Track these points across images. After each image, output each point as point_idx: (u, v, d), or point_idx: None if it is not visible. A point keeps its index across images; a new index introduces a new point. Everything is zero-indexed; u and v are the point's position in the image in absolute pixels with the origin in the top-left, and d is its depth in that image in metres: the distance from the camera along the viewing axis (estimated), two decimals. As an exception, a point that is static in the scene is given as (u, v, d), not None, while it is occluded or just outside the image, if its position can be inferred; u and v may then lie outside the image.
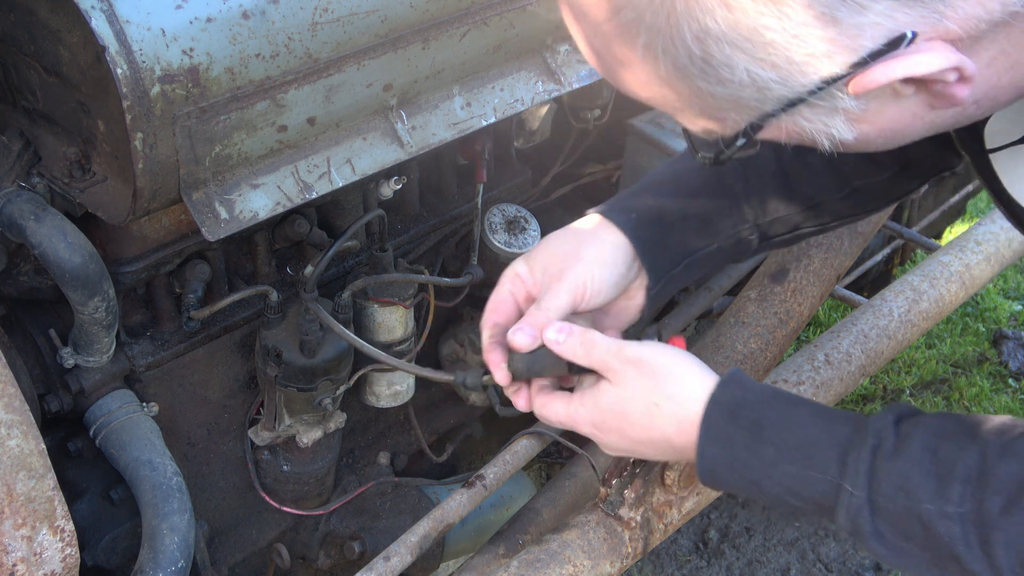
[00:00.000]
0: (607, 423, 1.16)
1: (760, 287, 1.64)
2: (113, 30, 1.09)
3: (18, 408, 1.13)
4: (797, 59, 0.80)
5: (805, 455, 1.05)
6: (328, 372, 1.60)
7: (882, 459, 1.01)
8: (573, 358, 1.16)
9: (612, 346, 1.15)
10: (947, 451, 0.99)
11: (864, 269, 2.82)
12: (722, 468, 1.10)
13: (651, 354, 1.14)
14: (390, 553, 1.47)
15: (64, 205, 1.33)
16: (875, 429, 1.03)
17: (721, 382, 1.12)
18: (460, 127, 1.46)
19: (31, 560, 1.16)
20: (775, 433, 1.06)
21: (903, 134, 0.91)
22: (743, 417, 1.09)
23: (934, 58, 0.79)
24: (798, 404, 1.10)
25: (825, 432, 1.05)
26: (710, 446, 1.09)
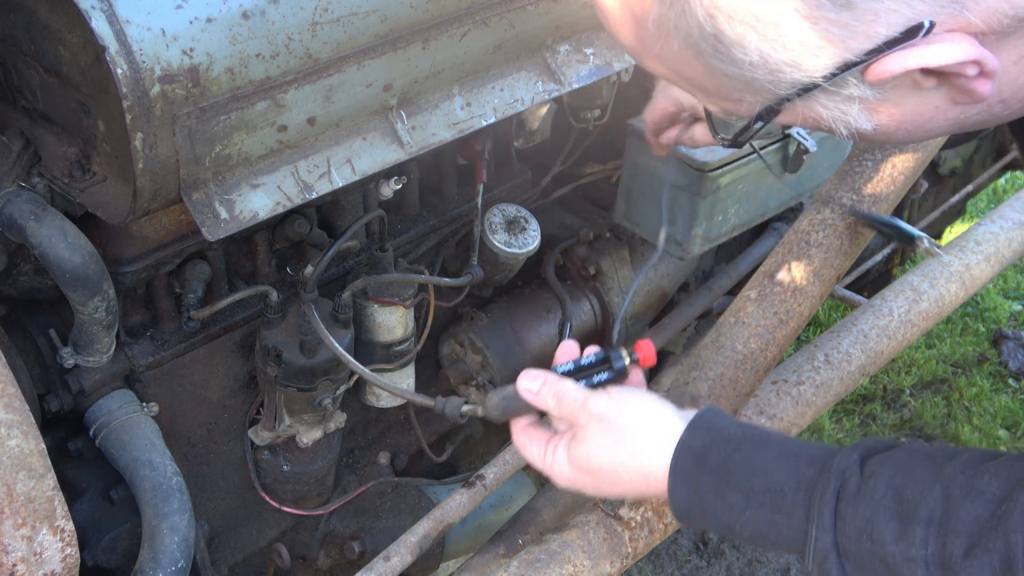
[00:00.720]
0: (580, 479, 1.17)
1: (760, 287, 1.63)
2: (113, 30, 1.09)
3: (18, 408, 1.13)
4: (810, 42, 0.79)
5: (772, 500, 1.05)
6: (328, 372, 1.60)
7: (846, 501, 1.00)
8: (544, 408, 1.18)
9: (579, 398, 1.15)
10: (911, 491, 0.97)
11: (864, 269, 2.82)
12: (694, 513, 1.10)
13: (612, 408, 1.14)
14: (390, 553, 1.47)
15: (64, 205, 1.33)
16: (839, 470, 1.02)
17: (690, 425, 1.12)
18: (460, 127, 1.46)
19: (31, 560, 1.16)
20: (742, 478, 1.06)
21: (925, 128, 0.88)
22: (710, 462, 1.09)
23: (952, 50, 0.78)
24: (766, 445, 1.09)
25: (791, 476, 1.05)
26: (681, 492, 1.10)
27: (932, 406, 3.34)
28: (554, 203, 2.08)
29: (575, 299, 2.01)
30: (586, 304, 2.03)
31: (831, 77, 0.81)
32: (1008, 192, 4.20)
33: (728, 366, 1.55)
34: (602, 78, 1.60)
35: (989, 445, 3.20)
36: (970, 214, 4.06)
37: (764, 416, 1.76)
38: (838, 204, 1.71)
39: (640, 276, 2.03)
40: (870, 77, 0.81)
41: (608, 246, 2.04)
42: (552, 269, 2.01)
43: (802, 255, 1.65)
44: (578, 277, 2.03)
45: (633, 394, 1.17)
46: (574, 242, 2.01)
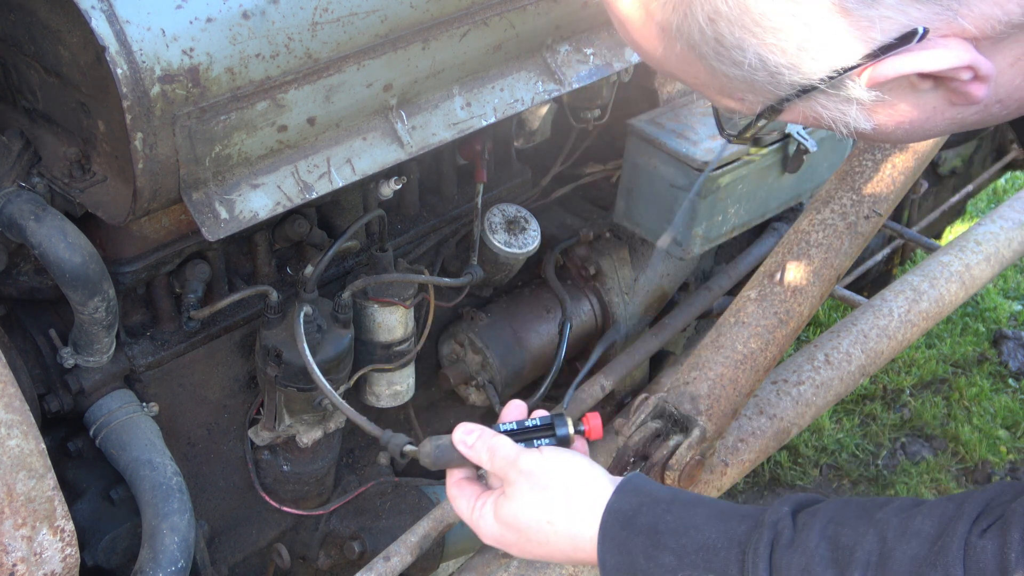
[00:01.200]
0: (506, 537, 1.15)
1: (760, 287, 1.64)
2: (113, 30, 1.09)
3: (18, 408, 1.13)
4: (807, 47, 0.80)
5: (704, 558, 1.02)
6: (328, 372, 1.60)
7: (780, 552, 0.98)
8: (478, 462, 1.16)
9: (510, 454, 1.14)
10: (845, 538, 0.96)
11: (864, 269, 2.82)
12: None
13: (543, 466, 1.12)
14: (390, 553, 1.47)
15: (64, 205, 1.33)
16: (771, 522, 1.01)
17: (616, 489, 1.10)
18: (460, 127, 1.46)
19: (31, 560, 1.16)
20: (672, 538, 1.04)
21: (923, 128, 0.90)
22: (639, 524, 1.06)
23: (946, 55, 0.79)
24: (696, 505, 1.07)
25: (723, 532, 1.03)
26: (610, 556, 1.07)
27: (932, 406, 3.34)
28: (554, 203, 2.08)
29: (575, 299, 2.01)
30: (586, 304, 2.03)
31: (829, 80, 0.83)
32: (1008, 192, 4.20)
33: (728, 366, 1.55)
34: (602, 78, 1.60)
35: (989, 445, 3.20)
36: (970, 214, 4.06)
37: (764, 416, 1.76)
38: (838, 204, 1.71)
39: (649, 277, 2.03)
40: (866, 80, 0.83)
41: (608, 246, 2.04)
42: (552, 269, 2.01)
43: (802, 255, 1.65)
44: (578, 277, 2.03)
45: (565, 455, 1.14)
46: (574, 242, 2.01)
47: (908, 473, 3.12)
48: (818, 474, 3.13)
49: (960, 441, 3.22)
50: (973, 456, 3.18)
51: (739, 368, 1.55)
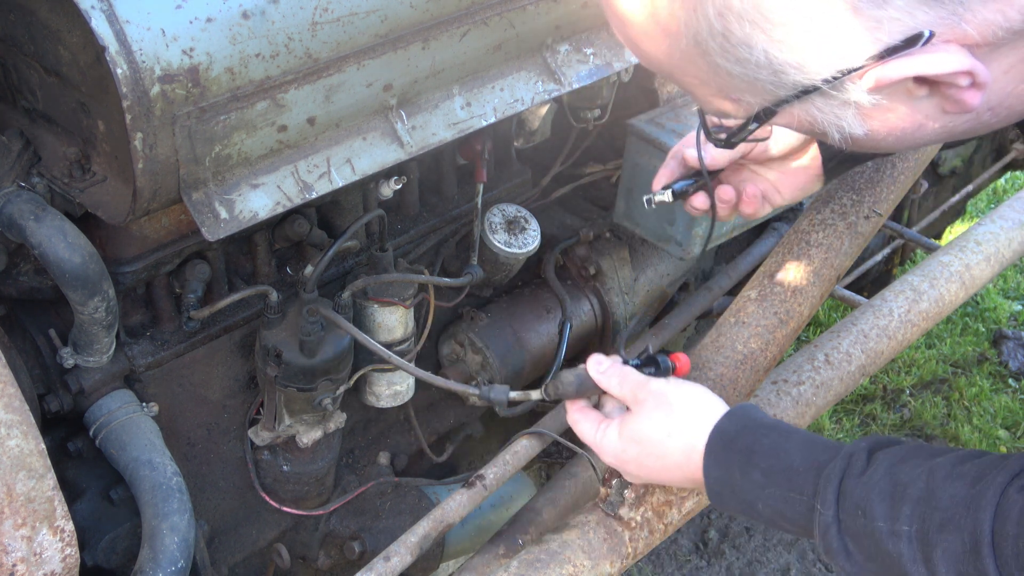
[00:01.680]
0: (627, 451, 1.28)
1: (760, 287, 1.63)
2: (113, 30, 1.09)
3: (18, 408, 1.13)
4: (815, 45, 0.81)
5: (787, 478, 1.14)
6: (328, 372, 1.60)
7: (849, 481, 1.09)
8: (607, 387, 1.31)
9: (641, 379, 1.29)
10: (904, 475, 1.05)
11: (864, 269, 2.82)
12: (724, 490, 1.20)
13: (670, 389, 1.27)
14: (390, 553, 1.47)
15: (64, 205, 1.33)
16: (847, 454, 1.11)
17: (727, 413, 1.24)
18: (460, 127, 1.46)
19: (31, 560, 1.16)
20: (763, 459, 1.17)
21: (914, 136, 0.91)
22: (739, 444, 1.20)
23: (947, 59, 0.80)
24: (791, 434, 1.19)
25: (806, 458, 1.14)
26: (713, 469, 1.21)
27: (932, 406, 3.34)
28: (554, 203, 2.08)
29: (575, 299, 2.01)
30: (586, 304, 2.03)
31: (832, 81, 0.83)
32: (1008, 192, 4.20)
33: (728, 366, 1.55)
34: (602, 78, 1.60)
35: (989, 445, 3.20)
36: (970, 214, 4.06)
37: (764, 416, 1.76)
38: (838, 204, 1.71)
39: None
40: (868, 82, 0.83)
41: (608, 246, 2.04)
42: (552, 269, 2.01)
43: (802, 255, 1.65)
44: (578, 277, 2.03)
45: (687, 384, 1.30)
46: (574, 242, 2.01)
47: (908, 473, 3.12)
48: (818, 474, 3.13)
49: (960, 441, 3.22)
50: (973, 456, 3.18)
51: (739, 368, 1.55)
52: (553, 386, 1.37)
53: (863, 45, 0.80)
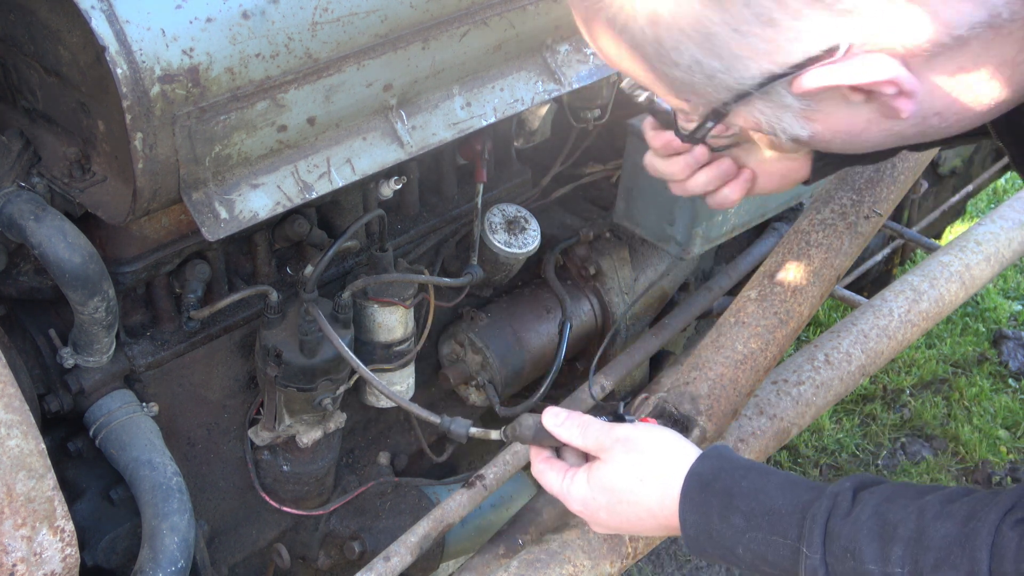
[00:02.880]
0: (597, 500, 1.23)
1: (760, 287, 1.63)
2: (113, 30, 1.09)
3: (18, 408, 1.13)
4: (739, 53, 0.84)
5: (770, 521, 1.10)
6: (328, 372, 1.60)
7: (835, 522, 1.06)
8: (569, 440, 1.26)
9: (605, 427, 1.25)
10: (893, 515, 1.03)
11: (864, 269, 2.82)
12: (701, 536, 1.16)
13: (637, 433, 1.23)
14: (390, 553, 1.47)
15: (64, 205, 1.33)
16: (832, 494, 1.08)
17: (701, 455, 1.20)
18: (460, 127, 1.46)
19: (31, 560, 1.16)
20: (744, 502, 1.13)
21: (861, 138, 0.94)
22: (716, 487, 1.15)
23: (866, 69, 0.83)
24: (769, 475, 1.15)
25: (789, 500, 1.11)
26: (689, 514, 1.16)
27: (932, 406, 3.34)
28: (554, 203, 2.08)
29: (575, 299, 2.01)
30: (586, 304, 2.03)
31: (760, 86, 0.87)
32: (1008, 192, 4.20)
33: (728, 366, 1.55)
34: (602, 78, 1.60)
35: (989, 445, 3.20)
36: (970, 214, 4.06)
37: (764, 416, 1.76)
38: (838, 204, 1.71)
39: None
40: (795, 89, 0.86)
41: (608, 246, 2.04)
42: (552, 269, 2.01)
43: (802, 255, 1.65)
44: (578, 277, 2.03)
45: (654, 428, 1.26)
46: (574, 242, 2.01)
47: (908, 473, 3.12)
48: (818, 474, 3.13)
49: (960, 441, 3.22)
50: (973, 456, 3.18)
51: (739, 368, 1.55)
52: (511, 429, 1.32)
53: (783, 54, 0.84)
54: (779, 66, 0.85)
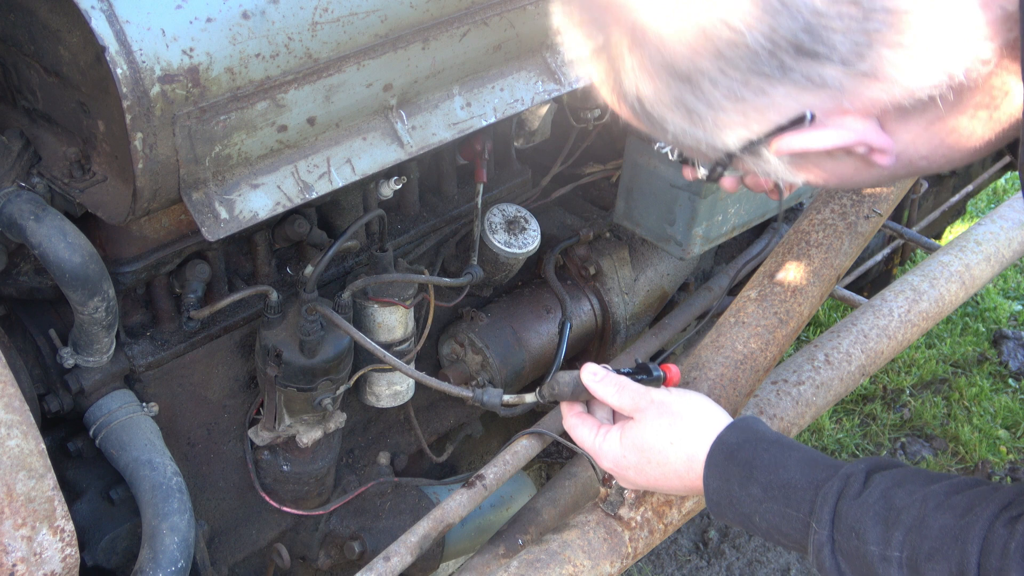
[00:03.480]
0: (628, 458, 1.29)
1: (760, 287, 1.63)
2: (113, 30, 1.09)
3: (18, 408, 1.13)
4: (719, 125, 0.92)
5: (785, 494, 1.17)
6: (328, 372, 1.60)
7: (845, 501, 1.12)
8: (605, 397, 1.32)
9: (640, 388, 1.31)
10: (899, 500, 1.08)
11: (864, 269, 2.82)
12: (722, 501, 1.22)
13: (672, 398, 1.29)
14: (390, 553, 1.47)
15: (64, 205, 1.33)
16: (845, 475, 1.14)
17: (730, 425, 1.26)
18: (460, 127, 1.46)
19: (31, 560, 1.16)
20: (763, 474, 1.19)
21: (854, 181, 1.00)
22: (739, 457, 1.22)
23: (832, 135, 0.90)
24: (791, 449, 1.21)
25: (805, 475, 1.16)
26: (712, 480, 1.23)
27: (932, 406, 3.34)
28: (554, 203, 2.08)
29: (575, 299, 2.01)
30: (586, 304, 2.03)
31: (743, 150, 0.93)
32: (1008, 192, 4.20)
33: (728, 366, 1.55)
34: (602, 78, 1.60)
35: (989, 445, 3.20)
36: (970, 214, 4.06)
37: (764, 416, 1.76)
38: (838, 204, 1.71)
39: None
40: (775, 152, 0.93)
41: (608, 246, 2.04)
42: (552, 269, 2.01)
43: (802, 255, 1.65)
44: (578, 277, 2.03)
45: (688, 393, 1.32)
46: (574, 242, 2.01)
47: (908, 473, 3.12)
48: (818, 474, 3.13)
49: (960, 441, 3.22)
50: (973, 456, 3.18)
51: (739, 368, 1.55)
52: (549, 387, 1.37)
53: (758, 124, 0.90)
54: (755, 134, 0.91)
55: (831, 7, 0.82)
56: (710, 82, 0.88)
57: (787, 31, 0.83)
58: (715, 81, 0.88)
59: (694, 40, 0.86)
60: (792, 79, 0.86)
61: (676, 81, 0.89)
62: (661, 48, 0.88)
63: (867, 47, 0.84)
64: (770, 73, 0.86)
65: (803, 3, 0.82)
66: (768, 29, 0.83)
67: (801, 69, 0.85)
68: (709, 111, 0.90)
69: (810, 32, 0.83)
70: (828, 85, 0.86)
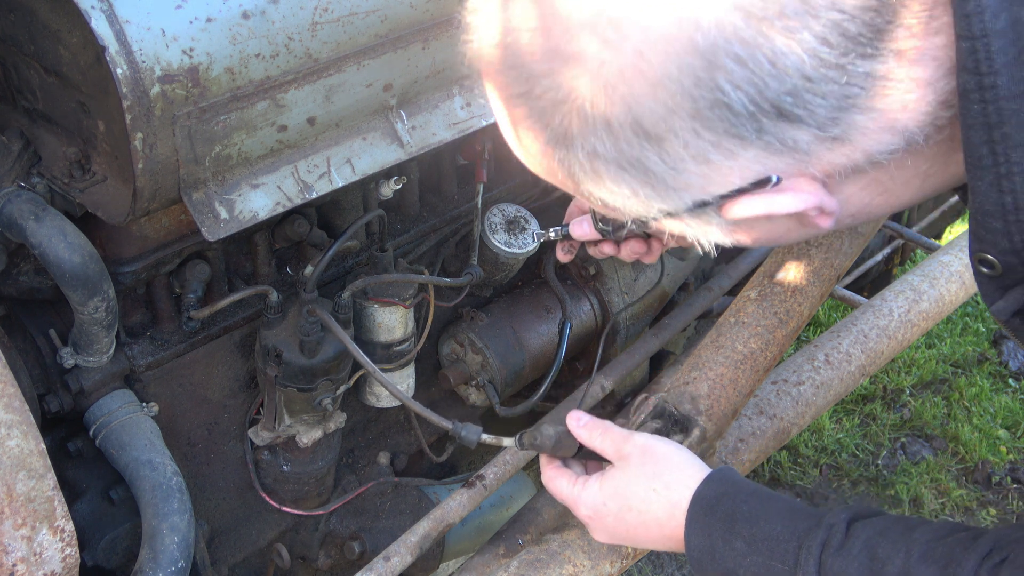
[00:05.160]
0: (607, 505, 1.29)
1: (760, 287, 1.63)
2: (113, 30, 1.09)
3: (18, 408, 1.13)
4: (674, 186, 0.88)
5: (769, 547, 1.17)
6: (328, 372, 1.60)
7: (829, 553, 1.12)
8: (588, 441, 1.33)
9: (623, 432, 1.31)
10: (882, 551, 1.09)
11: (864, 269, 2.82)
12: (704, 558, 1.22)
13: (655, 443, 1.30)
14: (390, 553, 1.47)
15: (64, 205, 1.33)
16: (828, 525, 1.14)
17: (707, 478, 1.25)
18: (460, 127, 1.46)
19: (31, 560, 1.16)
20: (745, 527, 1.19)
21: (778, 241, 1.02)
22: (720, 511, 1.21)
23: (793, 200, 0.88)
24: (772, 500, 1.21)
25: (787, 527, 1.17)
26: (694, 536, 1.22)
27: (932, 406, 3.34)
28: (554, 203, 2.07)
29: (575, 299, 2.01)
30: (586, 304, 2.03)
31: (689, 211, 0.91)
32: (1008, 192, 4.19)
33: (728, 366, 1.55)
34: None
35: (989, 445, 3.20)
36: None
37: (764, 416, 1.76)
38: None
39: None
40: (724, 214, 0.91)
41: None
42: (552, 269, 2.01)
43: (802, 255, 1.65)
44: (578, 277, 2.03)
45: (666, 440, 1.32)
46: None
47: (908, 473, 3.12)
48: (818, 474, 3.13)
49: (960, 441, 3.22)
50: (973, 456, 3.18)
51: (739, 368, 1.55)
52: (531, 436, 1.37)
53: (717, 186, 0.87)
54: (710, 195, 0.88)
55: (818, 71, 0.79)
56: (681, 143, 0.84)
57: (773, 94, 0.80)
58: (686, 143, 0.84)
59: (672, 99, 0.82)
60: (765, 141, 0.83)
61: (639, 139, 0.85)
62: (632, 103, 0.83)
63: (843, 112, 0.82)
64: (746, 136, 0.83)
65: (794, 67, 0.79)
66: (755, 92, 0.80)
67: (776, 132, 0.83)
68: (670, 173, 0.86)
69: (794, 95, 0.80)
70: (798, 149, 0.84)
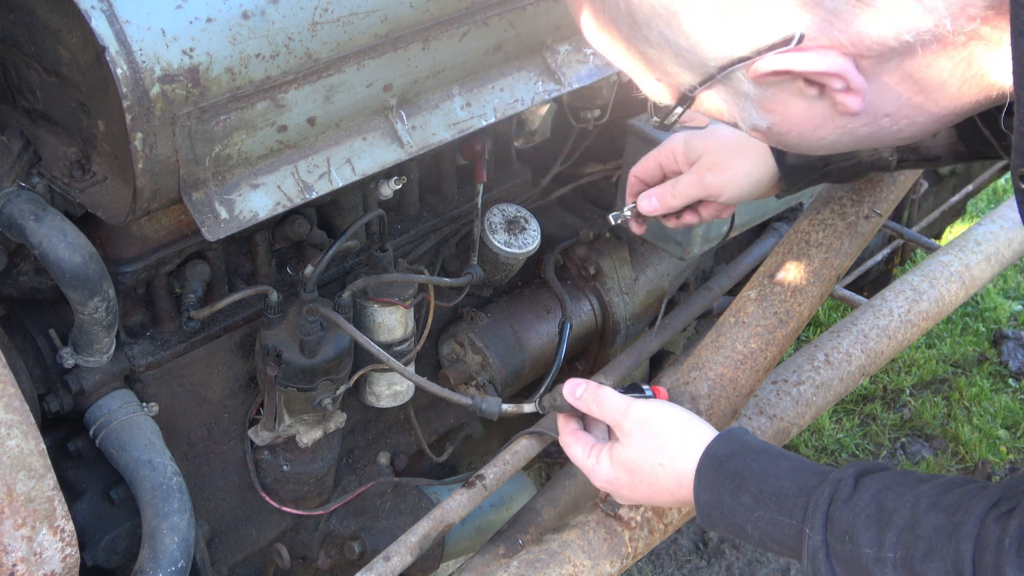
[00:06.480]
0: (620, 479, 1.32)
1: (760, 287, 1.63)
2: (113, 30, 1.09)
3: (18, 408, 1.13)
4: (703, 35, 0.91)
5: (776, 502, 1.18)
6: (328, 372, 1.60)
7: (837, 506, 1.12)
8: (586, 410, 1.35)
9: (620, 405, 1.32)
10: (890, 502, 1.09)
11: (864, 269, 2.82)
12: (714, 512, 1.23)
13: (652, 414, 1.30)
14: (390, 553, 1.47)
15: (64, 205, 1.33)
16: (835, 480, 1.15)
17: (718, 437, 1.27)
18: (460, 127, 1.46)
19: (31, 560, 1.16)
20: (753, 483, 1.20)
21: (816, 134, 1.00)
22: (729, 468, 1.23)
23: (816, 59, 0.90)
24: (780, 458, 1.22)
25: (795, 482, 1.18)
26: (703, 492, 1.24)
27: (932, 406, 3.34)
28: (554, 203, 2.08)
29: (575, 299, 2.01)
30: (586, 304, 2.03)
31: (722, 70, 0.93)
32: (1008, 192, 4.20)
33: (728, 366, 1.55)
34: (602, 78, 1.60)
35: (989, 445, 3.20)
36: (970, 214, 4.06)
37: (764, 416, 1.76)
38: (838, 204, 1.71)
39: None
40: (752, 75, 0.93)
41: (608, 246, 2.04)
42: (552, 269, 2.01)
43: (802, 255, 1.65)
44: (578, 277, 2.03)
45: (670, 406, 1.32)
46: (574, 242, 2.01)
47: (908, 473, 3.12)
48: (818, 474, 3.13)
49: (960, 441, 3.22)
50: (973, 456, 3.18)
51: (739, 368, 1.55)
52: (550, 398, 1.38)
53: (746, 40, 0.90)
54: (739, 50, 0.91)
55: None
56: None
57: None
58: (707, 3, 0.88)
59: None
60: None
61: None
62: None
63: None
64: None
65: None
66: None
67: None
68: (699, 19, 0.90)
69: None
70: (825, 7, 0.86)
